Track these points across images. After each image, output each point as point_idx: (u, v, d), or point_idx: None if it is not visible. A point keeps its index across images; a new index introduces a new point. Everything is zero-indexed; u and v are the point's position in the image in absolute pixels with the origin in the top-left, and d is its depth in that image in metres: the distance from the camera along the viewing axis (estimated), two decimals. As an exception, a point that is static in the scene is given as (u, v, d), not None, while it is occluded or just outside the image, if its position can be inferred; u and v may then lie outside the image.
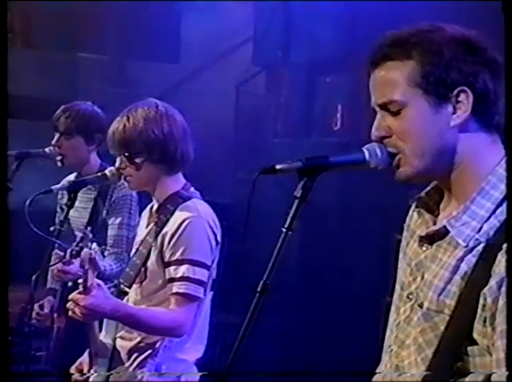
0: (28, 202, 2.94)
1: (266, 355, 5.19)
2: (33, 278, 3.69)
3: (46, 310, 3.92)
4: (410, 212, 1.94)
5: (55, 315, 3.86)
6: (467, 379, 1.70)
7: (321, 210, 5.29)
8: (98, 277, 2.84)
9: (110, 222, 3.86)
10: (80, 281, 2.77)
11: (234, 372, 1.71)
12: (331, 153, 1.81)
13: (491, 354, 1.65)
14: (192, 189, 3.08)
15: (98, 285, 2.79)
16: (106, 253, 3.72)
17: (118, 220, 3.84)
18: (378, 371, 1.99)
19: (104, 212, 3.86)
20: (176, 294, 2.90)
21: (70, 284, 3.75)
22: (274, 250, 1.76)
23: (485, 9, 3.79)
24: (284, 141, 6.43)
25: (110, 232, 3.84)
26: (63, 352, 3.73)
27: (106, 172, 3.09)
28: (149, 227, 3.06)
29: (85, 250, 2.88)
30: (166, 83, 7.26)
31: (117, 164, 3.04)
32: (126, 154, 2.99)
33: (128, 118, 2.98)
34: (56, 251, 3.59)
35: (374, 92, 1.79)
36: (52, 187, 3.19)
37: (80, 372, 3.05)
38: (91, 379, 2.99)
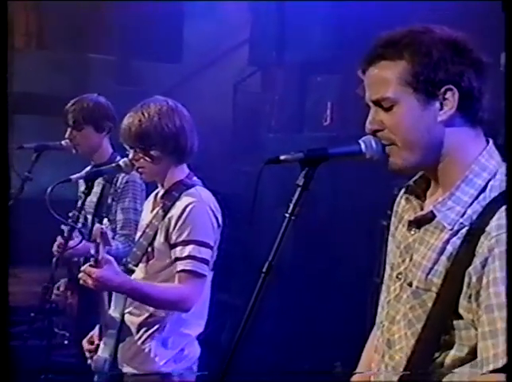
0: (49, 190, 2.97)
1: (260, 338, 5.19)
2: (54, 260, 3.74)
3: (62, 289, 4.00)
4: (398, 199, 1.96)
5: (68, 293, 3.94)
6: (452, 351, 1.72)
7: (312, 199, 5.28)
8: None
9: (118, 208, 3.88)
10: (92, 252, 2.83)
11: (233, 371, 1.70)
12: (321, 146, 1.82)
13: (476, 328, 1.68)
14: (195, 178, 3.13)
15: (110, 261, 2.85)
16: (116, 236, 3.75)
17: (125, 204, 3.87)
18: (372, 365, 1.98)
19: (110, 198, 3.90)
20: (183, 271, 2.94)
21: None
22: (277, 235, 1.76)
23: (484, 9, 3.77)
24: (278, 135, 6.42)
25: (119, 217, 3.87)
26: (79, 325, 3.81)
27: (121, 163, 3.11)
28: (155, 211, 3.10)
29: (96, 225, 2.93)
30: (169, 82, 7.23)
31: (130, 156, 3.08)
32: (141, 147, 3.02)
33: (143, 113, 3.01)
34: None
35: (369, 89, 1.81)
36: (71, 176, 3.22)
37: (91, 343, 3.11)
38: (99, 351, 3.04)
